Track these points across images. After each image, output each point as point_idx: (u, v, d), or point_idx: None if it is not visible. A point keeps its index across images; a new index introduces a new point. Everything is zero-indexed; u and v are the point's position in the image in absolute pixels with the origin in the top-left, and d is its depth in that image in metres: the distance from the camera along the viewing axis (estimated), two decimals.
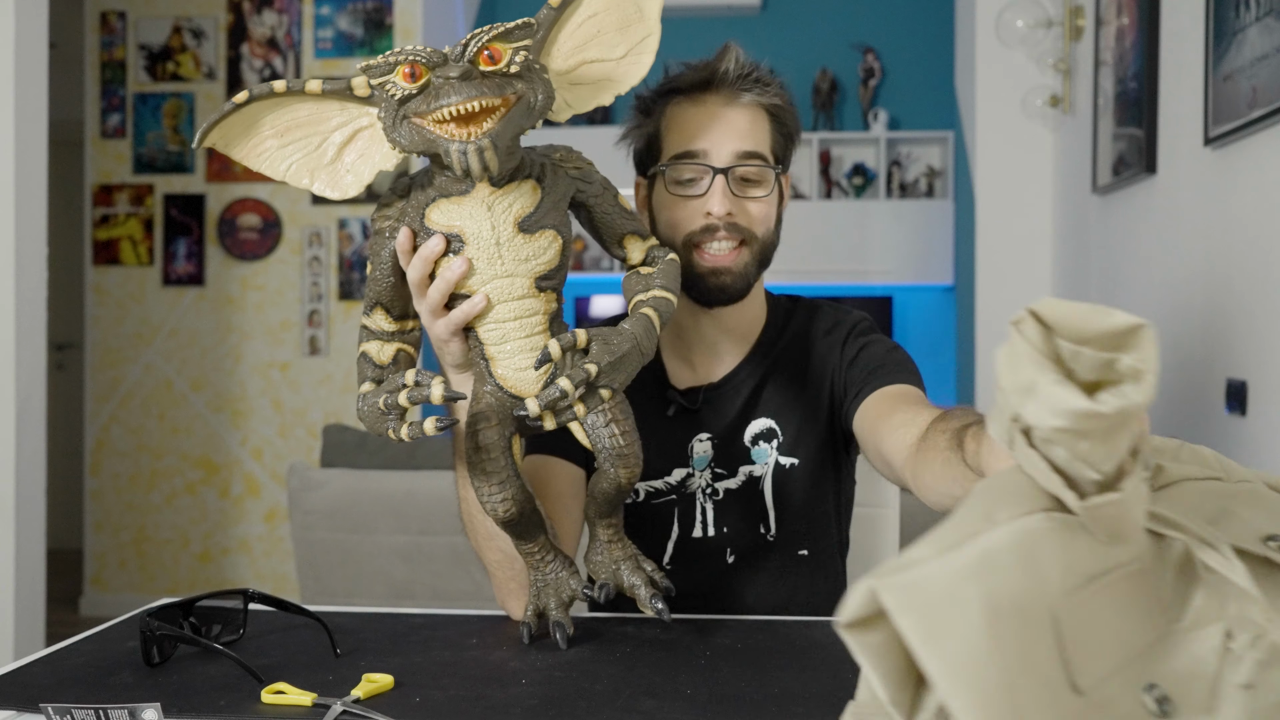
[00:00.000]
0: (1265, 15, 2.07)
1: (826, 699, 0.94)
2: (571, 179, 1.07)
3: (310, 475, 2.49)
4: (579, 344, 1.01)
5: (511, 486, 1.05)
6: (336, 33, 4.32)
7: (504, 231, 1.01)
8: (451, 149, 0.95)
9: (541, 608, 1.12)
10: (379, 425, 1.02)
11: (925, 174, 5.17)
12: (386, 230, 1.06)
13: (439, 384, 0.98)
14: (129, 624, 1.17)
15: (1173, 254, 2.69)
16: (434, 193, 1.03)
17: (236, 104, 1.00)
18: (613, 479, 1.07)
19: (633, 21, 1.06)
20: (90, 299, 4.43)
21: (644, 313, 1.05)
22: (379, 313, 1.09)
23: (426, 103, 0.95)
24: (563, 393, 0.99)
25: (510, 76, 0.96)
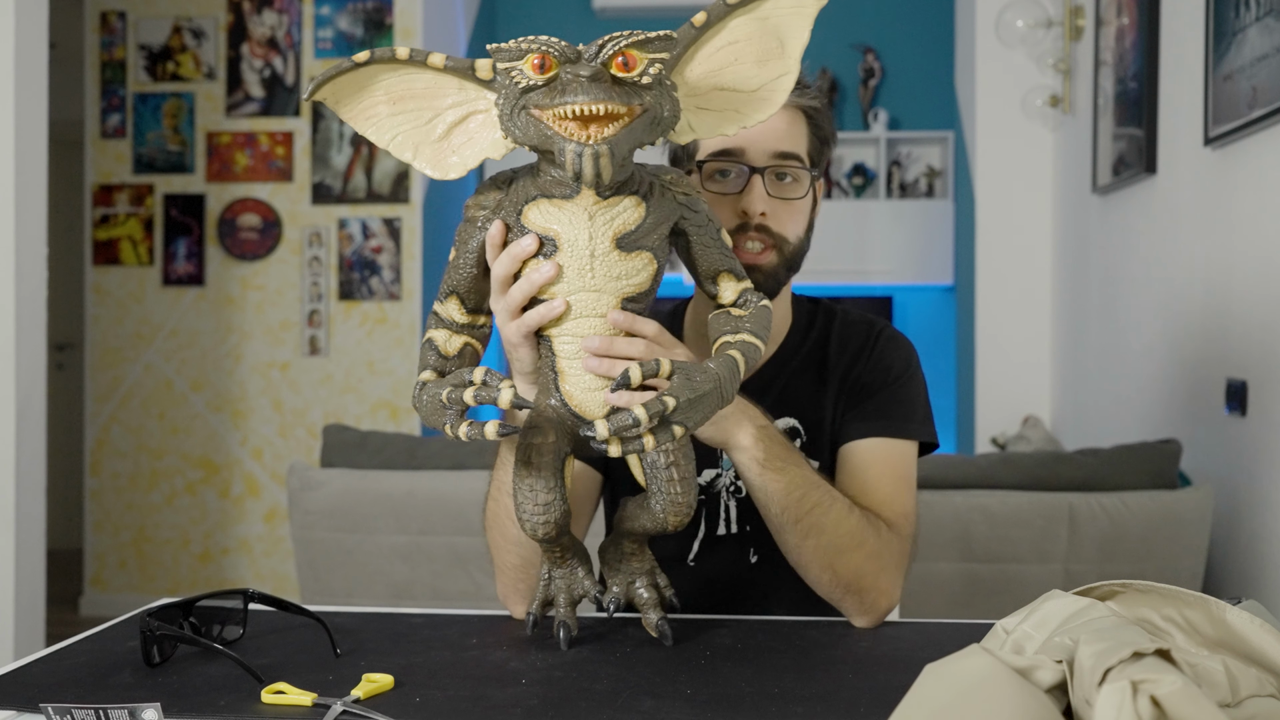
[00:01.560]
0: (1265, 15, 2.06)
1: (826, 699, 0.94)
2: (678, 204, 1.03)
3: (310, 475, 2.49)
4: (661, 373, 0.96)
5: (556, 509, 1.01)
6: (336, 33, 4.32)
7: (601, 245, 0.98)
8: (567, 149, 0.91)
9: (550, 599, 1.10)
10: (436, 418, 0.98)
11: (925, 174, 5.17)
12: (479, 220, 1.03)
13: (508, 388, 0.94)
14: (129, 624, 1.17)
15: (1173, 254, 2.69)
16: (535, 190, 0.99)
17: (356, 62, 0.97)
18: (659, 522, 1.04)
19: (772, 56, 1.02)
20: (90, 299, 4.43)
21: (731, 354, 1.00)
22: (453, 302, 1.05)
23: (550, 97, 0.91)
24: (636, 421, 0.93)
25: (640, 87, 0.93)
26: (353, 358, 4.34)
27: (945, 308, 5.17)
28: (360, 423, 4.30)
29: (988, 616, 1.07)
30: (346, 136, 4.32)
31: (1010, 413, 3.97)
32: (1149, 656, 0.68)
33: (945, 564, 2.26)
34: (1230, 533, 2.33)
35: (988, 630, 0.87)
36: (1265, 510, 2.17)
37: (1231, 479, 2.32)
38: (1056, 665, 0.74)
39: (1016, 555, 2.24)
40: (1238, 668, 0.73)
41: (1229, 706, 0.71)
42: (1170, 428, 2.67)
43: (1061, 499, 2.22)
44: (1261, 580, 2.19)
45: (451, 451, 2.53)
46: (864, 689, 0.97)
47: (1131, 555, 2.20)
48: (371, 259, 4.32)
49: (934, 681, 0.73)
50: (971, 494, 2.27)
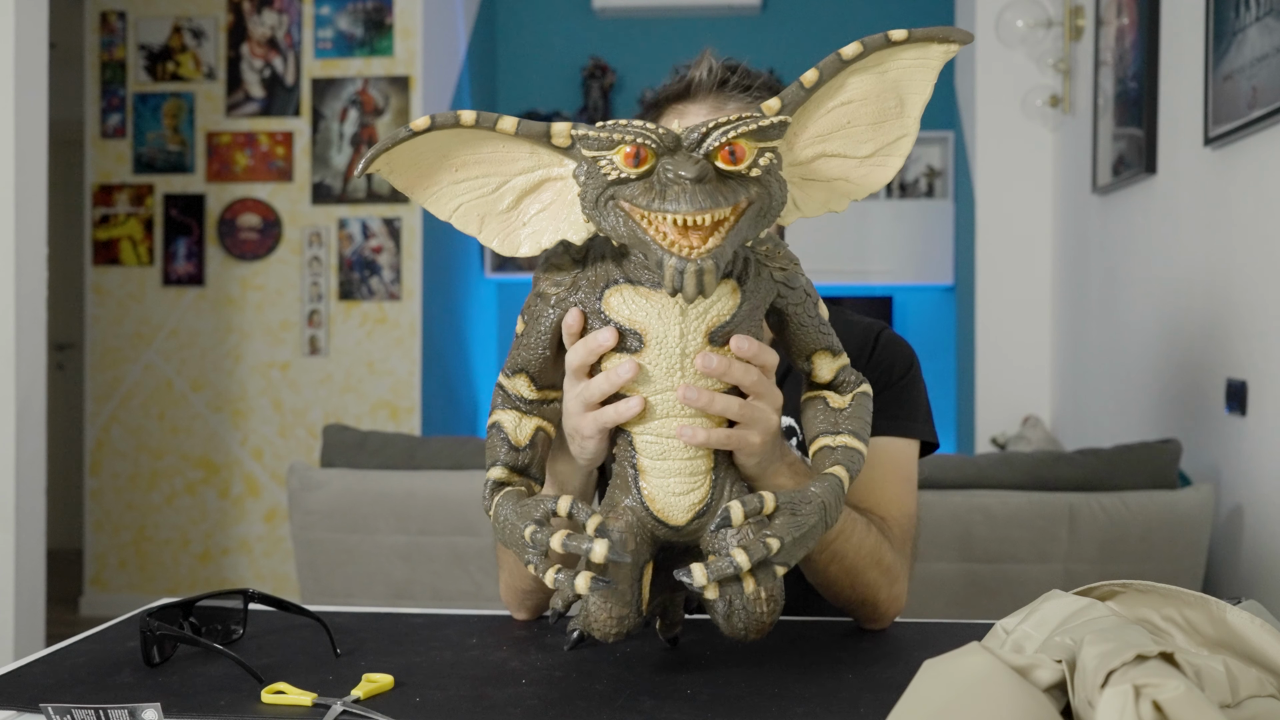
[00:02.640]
0: (1265, 15, 2.06)
1: (826, 699, 0.94)
2: (775, 282, 0.93)
3: (310, 475, 2.49)
4: (765, 509, 0.87)
5: (630, 622, 0.92)
6: (336, 33, 4.32)
7: (693, 342, 0.88)
8: (667, 263, 0.81)
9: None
10: (519, 551, 0.90)
11: (925, 174, 5.17)
12: (553, 298, 0.93)
13: (602, 542, 0.84)
14: (129, 624, 1.17)
15: (1173, 254, 2.69)
16: (620, 274, 0.89)
17: (414, 130, 0.87)
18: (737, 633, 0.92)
19: (890, 117, 0.91)
20: (90, 299, 4.43)
21: (834, 474, 0.91)
22: (522, 379, 0.96)
23: (647, 197, 0.81)
24: (736, 567, 0.85)
25: (747, 180, 0.83)
26: (353, 358, 4.34)
27: (945, 308, 5.17)
28: (360, 423, 4.30)
29: (988, 616, 1.07)
30: (346, 136, 4.32)
31: (1010, 413, 3.97)
32: (1152, 659, 0.68)
33: (945, 564, 2.26)
34: (1230, 533, 2.33)
35: (988, 630, 0.87)
36: (1265, 510, 2.17)
37: (1231, 479, 2.32)
38: (1056, 665, 0.74)
39: (1016, 555, 2.24)
40: (1238, 668, 0.73)
41: (1229, 707, 0.71)
42: (1170, 428, 2.67)
43: (1061, 499, 2.22)
44: (1261, 580, 2.19)
45: (451, 451, 2.53)
46: (864, 689, 0.97)
47: (1131, 555, 2.20)
48: (371, 259, 4.32)
49: (933, 679, 0.73)
50: (971, 494, 2.27)
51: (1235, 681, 0.72)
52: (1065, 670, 0.73)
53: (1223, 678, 0.72)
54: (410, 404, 4.33)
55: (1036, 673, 0.73)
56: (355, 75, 4.31)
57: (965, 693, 0.70)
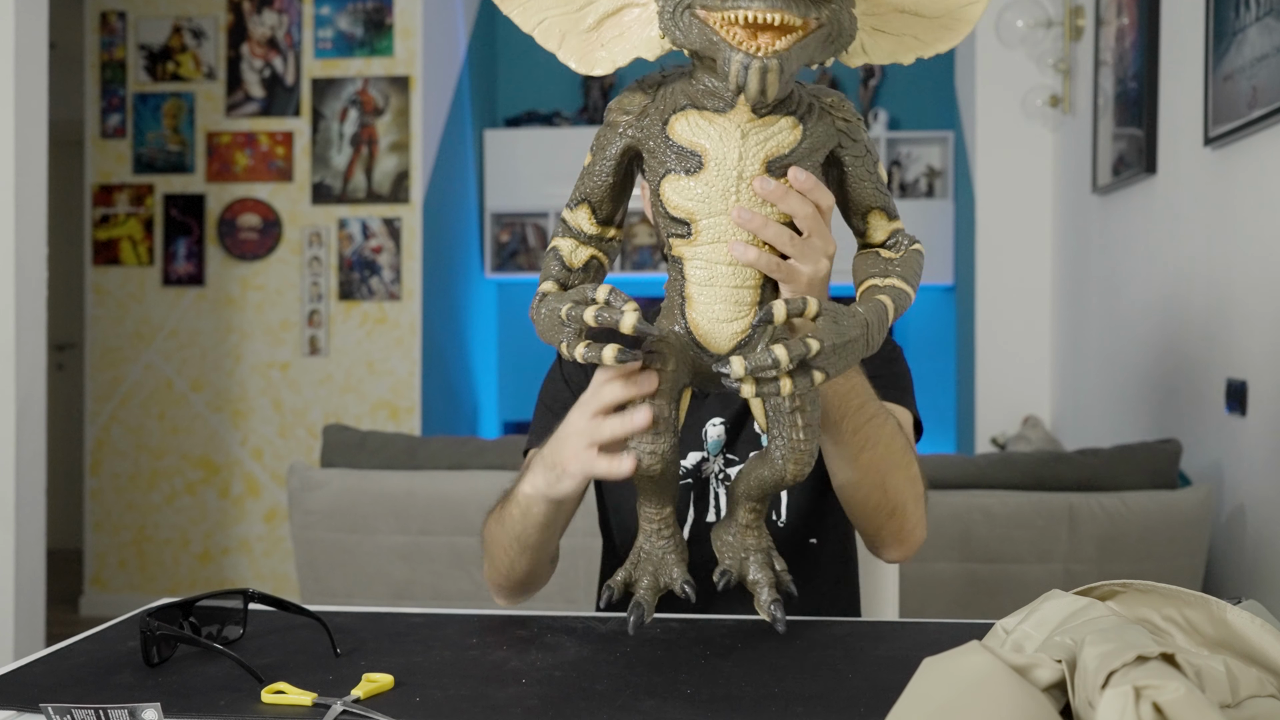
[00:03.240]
0: (1265, 15, 2.06)
1: (826, 699, 0.94)
2: (836, 130, 0.94)
3: (310, 475, 2.49)
4: (808, 313, 0.87)
5: (666, 440, 0.94)
6: (336, 33, 4.32)
7: (750, 166, 0.90)
8: (734, 59, 0.83)
9: (634, 581, 1.02)
10: (553, 334, 0.92)
11: (925, 174, 5.17)
12: (621, 125, 0.95)
13: (631, 311, 0.87)
14: (129, 624, 1.17)
15: (1173, 254, 2.69)
16: (685, 100, 0.91)
17: None
18: (778, 471, 0.97)
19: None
20: (90, 299, 4.43)
21: (880, 299, 0.91)
22: (584, 210, 0.97)
23: (722, 0, 0.83)
24: (775, 361, 0.84)
25: (821, 3, 0.84)
26: (353, 358, 4.34)
27: (945, 308, 5.17)
28: (360, 423, 4.30)
29: (988, 616, 1.07)
30: (346, 136, 4.33)
31: (1010, 413, 3.97)
32: (1153, 661, 0.68)
33: (945, 564, 2.26)
34: (1230, 533, 2.33)
35: (987, 630, 0.87)
36: (1265, 510, 2.17)
37: (1231, 479, 2.32)
38: (1055, 664, 0.74)
39: (1016, 555, 2.24)
40: (1238, 668, 0.73)
41: (1229, 707, 0.71)
42: (1170, 428, 2.67)
43: (1061, 499, 2.22)
44: (1261, 580, 2.19)
45: (451, 451, 2.53)
46: (864, 689, 0.97)
47: (1131, 555, 2.20)
48: (371, 259, 4.32)
49: (933, 678, 0.73)
50: (971, 494, 2.27)
51: (1235, 681, 0.72)
52: (1065, 670, 0.73)
53: (1223, 678, 0.72)
54: (410, 404, 4.33)
55: (1036, 672, 0.73)
56: (355, 75, 4.31)
57: (965, 692, 0.70)
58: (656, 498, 1.00)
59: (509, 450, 2.52)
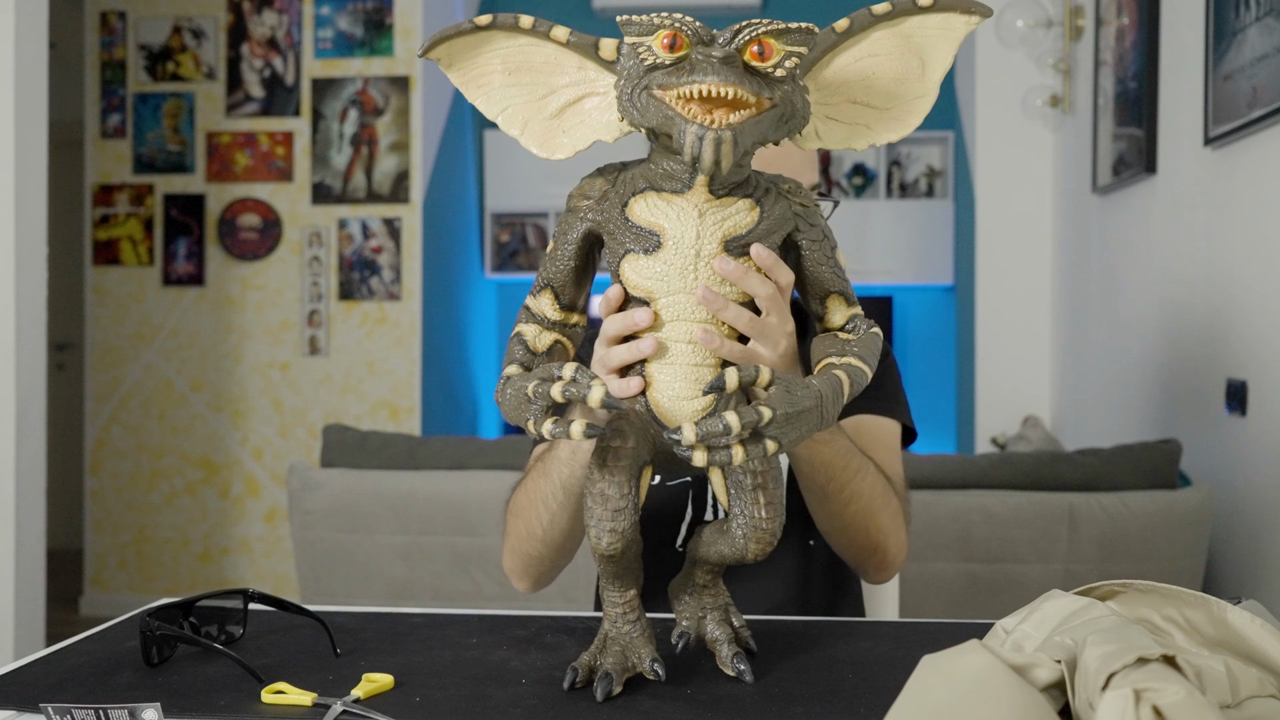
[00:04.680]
0: (1265, 15, 2.07)
1: (826, 699, 0.94)
2: (793, 214, 0.96)
3: (310, 475, 2.49)
4: (760, 381, 0.88)
5: (626, 519, 0.92)
6: (336, 33, 4.32)
7: (708, 245, 0.91)
8: (688, 130, 0.85)
9: (597, 665, 0.97)
10: (519, 413, 0.91)
11: (925, 174, 5.17)
12: (582, 210, 0.96)
13: (599, 386, 0.86)
14: (129, 624, 1.17)
15: (1173, 254, 2.69)
16: (644, 183, 0.93)
17: (476, 25, 0.93)
18: (739, 550, 0.95)
19: (911, 77, 0.96)
20: (90, 299, 4.43)
21: (836, 374, 0.92)
22: (547, 296, 0.98)
23: (676, 76, 0.86)
24: (726, 428, 0.84)
25: (773, 79, 0.87)
26: (353, 358, 4.34)
27: (945, 308, 5.17)
28: (360, 423, 4.30)
29: (988, 616, 1.07)
30: (346, 136, 4.33)
31: (1010, 413, 3.97)
32: (1154, 663, 0.68)
33: (945, 564, 2.26)
34: (1230, 533, 2.33)
35: (987, 630, 0.87)
36: (1265, 510, 2.17)
37: (1231, 479, 2.32)
38: (1055, 664, 0.74)
39: (1016, 555, 2.24)
40: (1239, 668, 0.73)
41: (1229, 707, 0.71)
42: (1170, 428, 2.67)
43: (1061, 499, 2.22)
44: (1261, 580, 2.19)
45: (451, 451, 2.53)
46: (864, 689, 0.97)
47: (1131, 555, 2.20)
48: (371, 259, 4.33)
49: (932, 677, 0.73)
50: (971, 494, 2.27)
51: (1236, 682, 0.72)
52: (1065, 670, 0.73)
53: (1223, 678, 0.72)
54: (410, 404, 4.33)
55: (1035, 672, 0.73)
56: (355, 75, 4.32)
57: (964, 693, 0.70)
58: (619, 581, 0.98)
59: (509, 450, 2.52)
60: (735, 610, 1.05)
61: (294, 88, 4.34)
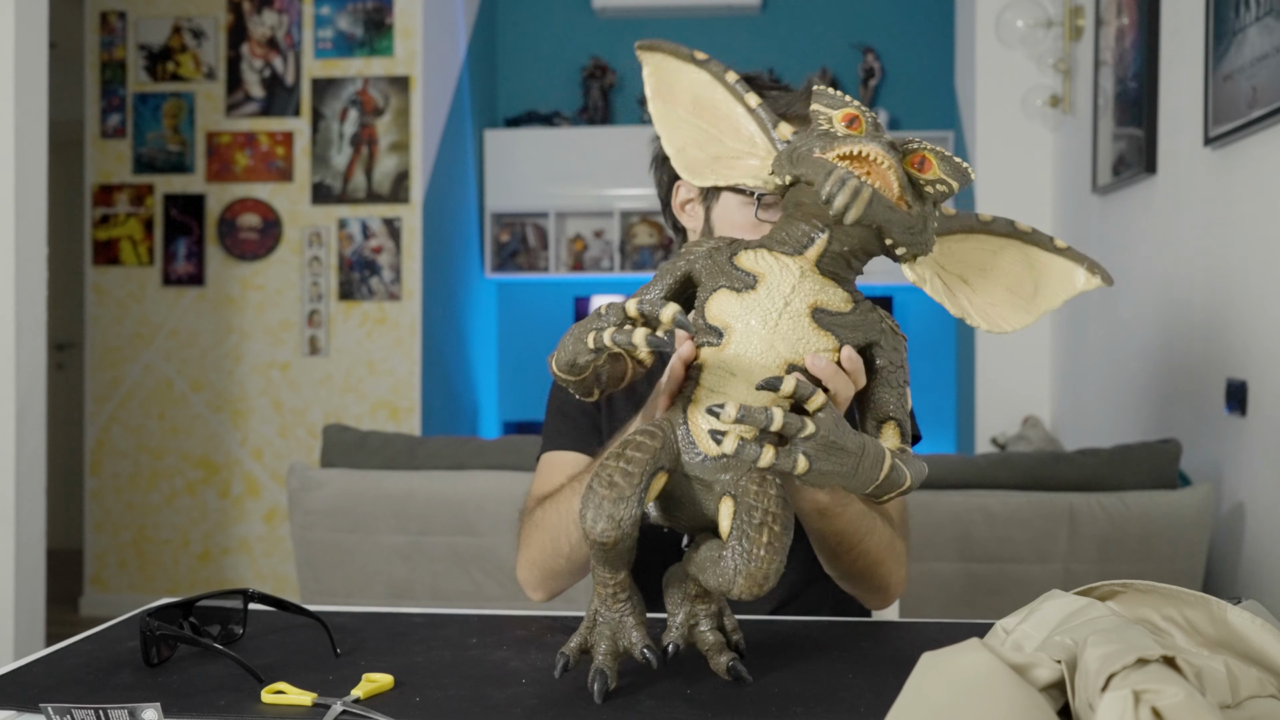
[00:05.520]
0: (1265, 15, 2.07)
1: (826, 699, 0.94)
2: (881, 329, 0.98)
3: (310, 475, 2.49)
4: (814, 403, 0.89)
5: (627, 511, 0.90)
6: (336, 33, 4.32)
7: (799, 302, 0.93)
8: (835, 170, 0.88)
9: (591, 646, 0.97)
10: (579, 341, 0.92)
11: None
12: (691, 255, 0.99)
13: (671, 306, 0.90)
14: (129, 624, 1.17)
15: (1173, 254, 2.69)
16: (758, 245, 0.97)
17: (695, 58, 1.00)
18: (727, 580, 0.90)
19: (1021, 294, 0.99)
20: (90, 299, 4.43)
21: (886, 448, 0.94)
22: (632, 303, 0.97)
23: (843, 141, 0.91)
24: (769, 418, 0.85)
25: (921, 193, 0.92)
26: (353, 358, 4.34)
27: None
28: (360, 423, 4.30)
29: (988, 616, 1.07)
30: (346, 136, 4.33)
31: (1010, 413, 3.97)
32: (1153, 664, 0.68)
33: (945, 564, 2.26)
34: (1230, 533, 2.33)
35: (987, 630, 0.87)
36: (1265, 510, 2.17)
37: (1231, 479, 2.32)
38: (1055, 664, 0.74)
39: (1016, 555, 2.24)
40: (1239, 668, 0.73)
41: (1229, 707, 0.71)
42: (1170, 428, 2.67)
43: (1061, 499, 2.22)
44: (1261, 580, 2.19)
45: (451, 451, 2.53)
46: (864, 689, 0.97)
47: (1131, 555, 2.20)
48: (371, 259, 4.33)
49: (932, 677, 0.73)
50: (971, 494, 2.27)
51: (1236, 682, 0.72)
52: (1065, 670, 0.73)
53: (1223, 678, 0.72)
54: (410, 404, 4.33)
55: (1035, 671, 0.73)
56: (355, 75, 4.32)
57: (964, 693, 0.70)
58: (611, 565, 0.96)
59: (509, 450, 2.52)
60: (729, 613, 1.03)
61: (294, 88, 4.34)
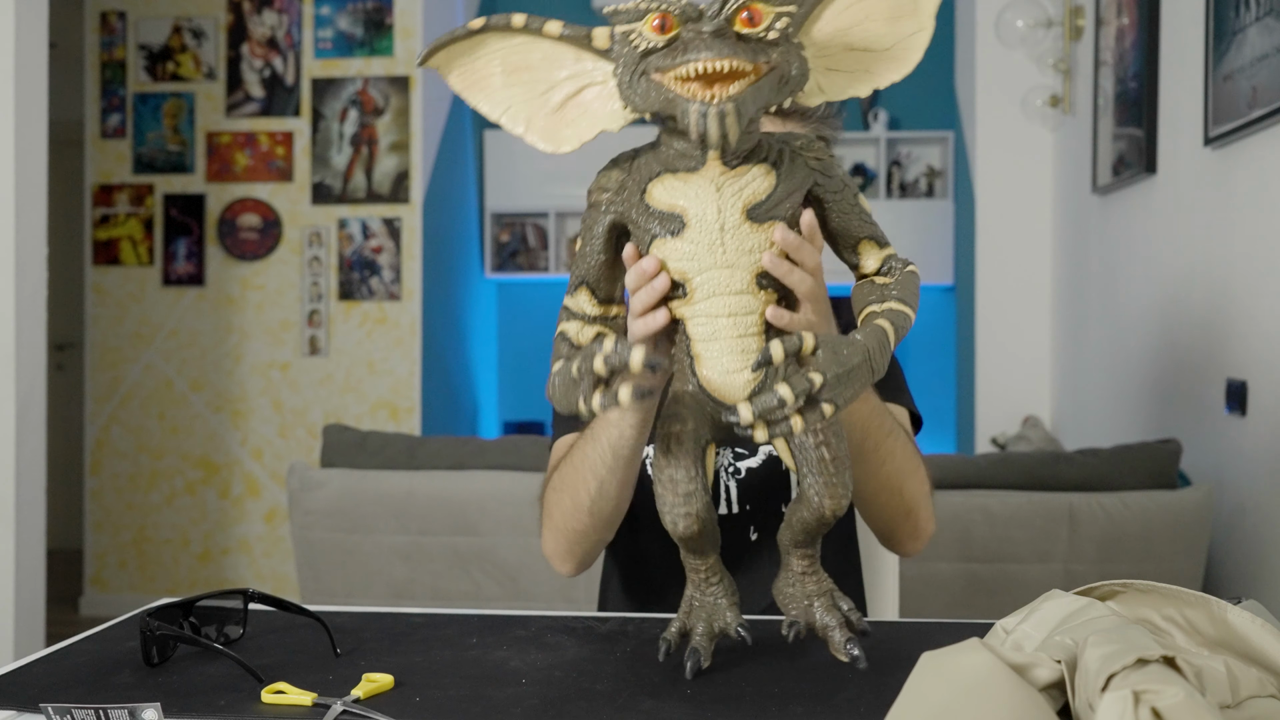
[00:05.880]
0: (1265, 15, 2.07)
1: (826, 699, 0.94)
2: (810, 169, 0.96)
3: (310, 475, 2.49)
4: (805, 349, 0.89)
5: (698, 500, 0.95)
6: (336, 33, 4.32)
7: (730, 217, 0.92)
8: (691, 109, 0.86)
9: (689, 629, 1.01)
10: (570, 397, 0.92)
11: (925, 174, 5.17)
12: (603, 204, 0.97)
13: (638, 349, 0.87)
14: (129, 624, 1.17)
15: (1173, 254, 2.69)
16: (659, 166, 0.94)
17: (470, 29, 0.94)
18: (815, 508, 0.96)
19: (905, 14, 0.95)
20: (90, 299, 4.43)
21: (879, 324, 0.93)
22: (583, 293, 0.99)
23: (671, 57, 0.87)
24: (781, 401, 0.86)
25: (767, 43, 0.88)
26: (353, 358, 4.34)
27: (945, 308, 5.17)
28: (360, 423, 4.30)
29: (988, 616, 1.07)
30: (346, 136, 4.33)
31: (1010, 413, 3.97)
32: (1153, 664, 0.68)
33: (945, 564, 2.26)
34: (1230, 533, 2.33)
35: (987, 630, 0.87)
36: (1265, 510, 2.17)
37: (1231, 479, 2.32)
38: (1055, 664, 0.74)
39: (1016, 555, 2.24)
40: (1239, 668, 0.73)
41: (1229, 707, 0.71)
42: (1170, 428, 2.67)
43: (1061, 499, 2.22)
44: (1261, 580, 2.19)
45: (451, 451, 2.53)
46: (864, 689, 0.97)
47: (1131, 555, 2.20)
48: (371, 259, 4.33)
49: (932, 676, 0.73)
50: (971, 494, 2.27)
51: (1236, 682, 0.72)
52: (1065, 670, 0.73)
53: (1223, 678, 0.72)
54: (410, 404, 4.33)
55: (1035, 671, 0.73)
56: (355, 75, 4.32)
57: (964, 693, 0.70)
58: (699, 553, 1.01)
59: (509, 450, 2.52)
60: (841, 594, 1.05)
61: (294, 88, 4.34)
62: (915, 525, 1.29)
